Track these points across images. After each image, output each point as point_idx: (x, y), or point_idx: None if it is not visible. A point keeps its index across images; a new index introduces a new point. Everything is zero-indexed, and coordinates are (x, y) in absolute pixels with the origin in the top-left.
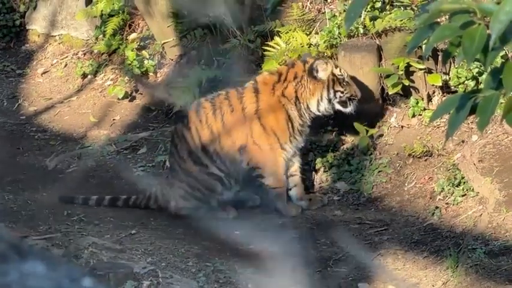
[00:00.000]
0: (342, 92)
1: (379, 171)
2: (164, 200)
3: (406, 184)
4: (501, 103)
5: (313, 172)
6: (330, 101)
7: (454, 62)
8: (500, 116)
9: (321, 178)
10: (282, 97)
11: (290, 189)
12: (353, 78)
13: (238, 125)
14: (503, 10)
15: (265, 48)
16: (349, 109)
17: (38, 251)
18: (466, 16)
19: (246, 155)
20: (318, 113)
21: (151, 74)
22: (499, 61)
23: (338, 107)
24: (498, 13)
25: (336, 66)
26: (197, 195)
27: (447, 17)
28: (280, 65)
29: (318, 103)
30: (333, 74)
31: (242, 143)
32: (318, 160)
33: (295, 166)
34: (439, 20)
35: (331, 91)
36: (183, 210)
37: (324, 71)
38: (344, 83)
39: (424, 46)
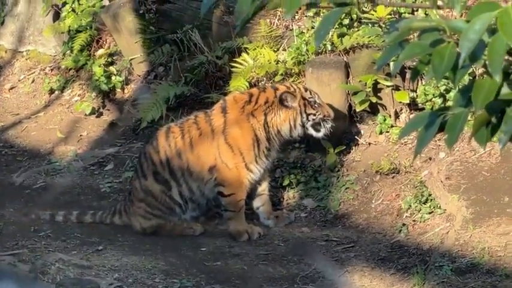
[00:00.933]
0: (315, 114)
1: (346, 188)
2: (128, 218)
3: (373, 201)
4: (469, 121)
5: (281, 189)
6: (303, 125)
7: (421, 79)
8: (467, 134)
9: (288, 195)
10: (251, 117)
11: (258, 208)
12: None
13: (206, 147)
14: (472, 28)
15: (233, 64)
16: (322, 133)
17: (8, 269)
18: (435, 34)
19: (215, 173)
20: (290, 138)
21: (118, 90)
22: (466, 78)
23: (311, 131)
24: (467, 31)
25: (306, 90)
26: (157, 213)
27: (416, 34)
28: (249, 83)
29: (291, 129)
30: (303, 98)
31: (211, 164)
32: (286, 177)
33: (264, 185)
34: (408, 37)
35: (304, 115)
36: (147, 228)
37: (293, 100)
38: (316, 105)
39: (391, 63)
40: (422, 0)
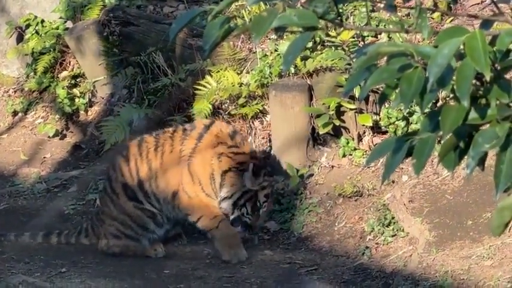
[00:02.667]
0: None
1: (310, 211)
2: (95, 236)
3: (336, 224)
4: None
5: None
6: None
7: (384, 103)
8: (431, 157)
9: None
10: (217, 158)
11: None
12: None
13: (173, 168)
14: (440, 53)
15: (196, 87)
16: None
17: None
18: (403, 59)
19: (176, 201)
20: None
21: (82, 112)
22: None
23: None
24: (436, 56)
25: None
26: (129, 233)
27: (385, 59)
28: (213, 106)
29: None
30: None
31: (174, 189)
32: None
33: None
34: (376, 62)
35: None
36: (114, 248)
37: (257, 178)
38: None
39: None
40: (385, 25)
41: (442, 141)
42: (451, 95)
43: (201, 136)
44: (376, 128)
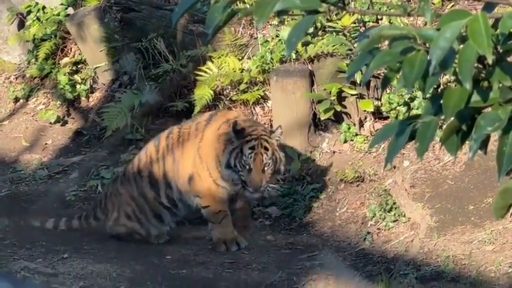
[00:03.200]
0: None
1: (311, 197)
2: (104, 213)
3: (337, 209)
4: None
5: None
6: None
7: (386, 88)
8: (432, 142)
9: (252, 203)
10: (219, 139)
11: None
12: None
13: (190, 154)
14: (443, 36)
15: (198, 73)
16: None
17: (2, 270)
18: (406, 42)
19: (191, 185)
20: None
21: (83, 98)
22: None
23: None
24: (438, 39)
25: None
26: (142, 219)
27: (387, 43)
28: (214, 92)
29: None
30: None
31: (190, 172)
32: None
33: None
34: (379, 46)
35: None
36: (120, 227)
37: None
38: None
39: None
40: (386, 9)
41: (444, 125)
42: (454, 78)
43: (213, 122)
44: (377, 114)
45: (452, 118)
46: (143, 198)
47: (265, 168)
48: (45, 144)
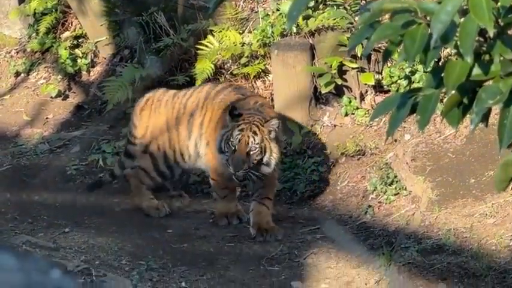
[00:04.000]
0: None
1: (312, 170)
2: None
3: (339, 183)
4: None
5: None
6: None
7: (387, 61)
8: (433, 115)
9: None
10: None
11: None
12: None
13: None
14: (444, 10)
15: (199, 47)
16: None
17: (3, 243)
18: (407, 15)
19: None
20: None
21: (84, 72)
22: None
23: None
24: (439, 13)
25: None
26: (168, 154)
27: (388, 16)
28: (215, 66)
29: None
30: None
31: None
32: None
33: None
34: (380, 19)
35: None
36: (134, 173)
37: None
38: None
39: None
40: None
41: (445, 98)
42: (455, 52)
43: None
44: (378, 87)
45: (454, 91)
46: (177, 135)
47: (251, 153)
48: (46, 118)
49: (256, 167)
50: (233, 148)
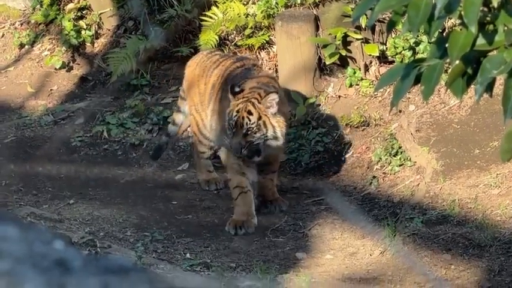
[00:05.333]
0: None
1: (317, 141)
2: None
3: (343, 154)
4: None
5: None
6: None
7: (391, 32)
8: (438, 86)
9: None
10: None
11: None
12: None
13: None
14: None
15: (203, 18)
16: None
17: (6, 212)
18: None
19: None
20: None
21: (88, 44)
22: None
23: None
24: None
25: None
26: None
27: None
28: (219, 37)
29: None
30: None
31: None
32: None
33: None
34: None
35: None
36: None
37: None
38: None
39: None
40: None
41: (449, 68)
42: (459, 22)
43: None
44: (382, 58)
45: (458, 61)
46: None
47: (249, 133)
48: (51, 90)
49: (263, 143)
50: (233, 130)
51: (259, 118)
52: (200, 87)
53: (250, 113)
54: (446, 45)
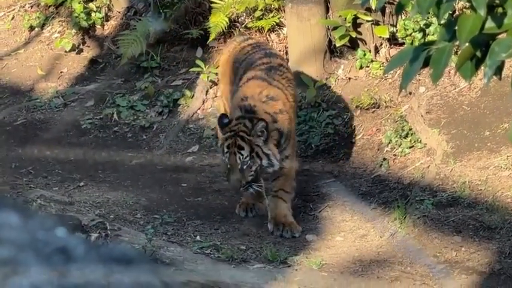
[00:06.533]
0: None
1: (327, 123)
2: None
3: (353, 136)
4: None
5: None
6: None
7: (401, 14)
8: (448, 68)
9: None
10: None
11: None
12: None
13: None
14: None
15: (213, 0)
16: None
17: (6, 199)
18: None
19: None
20: None
21: (98, 26)
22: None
23: None
24: None
25: None
26: None
27: None
28: (229, 19)
29: None
30: None
31: None
32: None
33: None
34: None
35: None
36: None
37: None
38: None
39: None
40: None
41: (459, 51)
42: (468, 5)
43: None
44: (392, 40)
45: (467, 44)
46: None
47: (244, 167)
48: (61, 72)
49: (261, 171)
50: (228, 166)
51: (252, 151)
52: (230, 77)
53: (241, 147)
54: (456, 28)
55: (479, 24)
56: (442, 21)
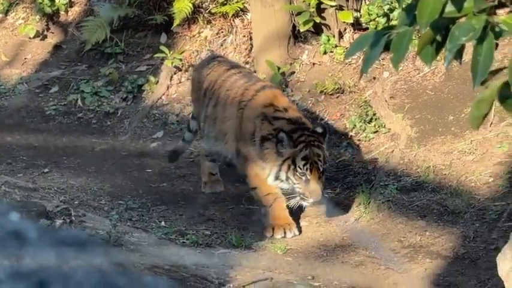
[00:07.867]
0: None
1: None
2: None
3: (318, 120)
4: (414, 39)
5: None
6: None
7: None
8: (411, 53)
9: None
10: (260, 119)
11: None
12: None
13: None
14: None
15: None
16: None
17: None
18: None
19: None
20: None
21: (62, 12)
22: None
23: None
24: None
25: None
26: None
27: None
28: (193, 5)
29: None
30: None
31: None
32: None
33: None
34: None
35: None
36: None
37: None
38: None
39: None
40: None
41: (419, 35)
42: None
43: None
44: (356, 25)
45: (427, 29)
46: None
47: (322, 176)
48: (25, 59)
49: None
50: (304, 179)
51: (324, 157)
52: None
53: (318, 156)
54: (416, 12)
55: (439, 8)
56: (403, 6)
